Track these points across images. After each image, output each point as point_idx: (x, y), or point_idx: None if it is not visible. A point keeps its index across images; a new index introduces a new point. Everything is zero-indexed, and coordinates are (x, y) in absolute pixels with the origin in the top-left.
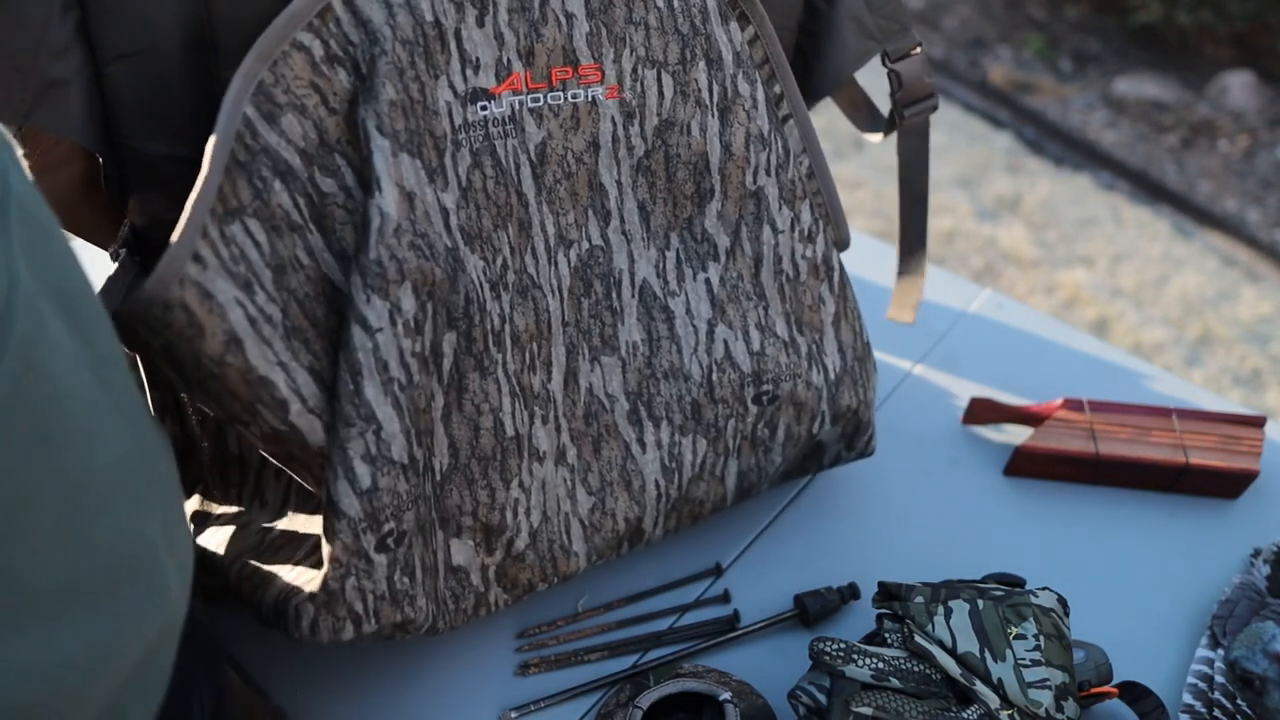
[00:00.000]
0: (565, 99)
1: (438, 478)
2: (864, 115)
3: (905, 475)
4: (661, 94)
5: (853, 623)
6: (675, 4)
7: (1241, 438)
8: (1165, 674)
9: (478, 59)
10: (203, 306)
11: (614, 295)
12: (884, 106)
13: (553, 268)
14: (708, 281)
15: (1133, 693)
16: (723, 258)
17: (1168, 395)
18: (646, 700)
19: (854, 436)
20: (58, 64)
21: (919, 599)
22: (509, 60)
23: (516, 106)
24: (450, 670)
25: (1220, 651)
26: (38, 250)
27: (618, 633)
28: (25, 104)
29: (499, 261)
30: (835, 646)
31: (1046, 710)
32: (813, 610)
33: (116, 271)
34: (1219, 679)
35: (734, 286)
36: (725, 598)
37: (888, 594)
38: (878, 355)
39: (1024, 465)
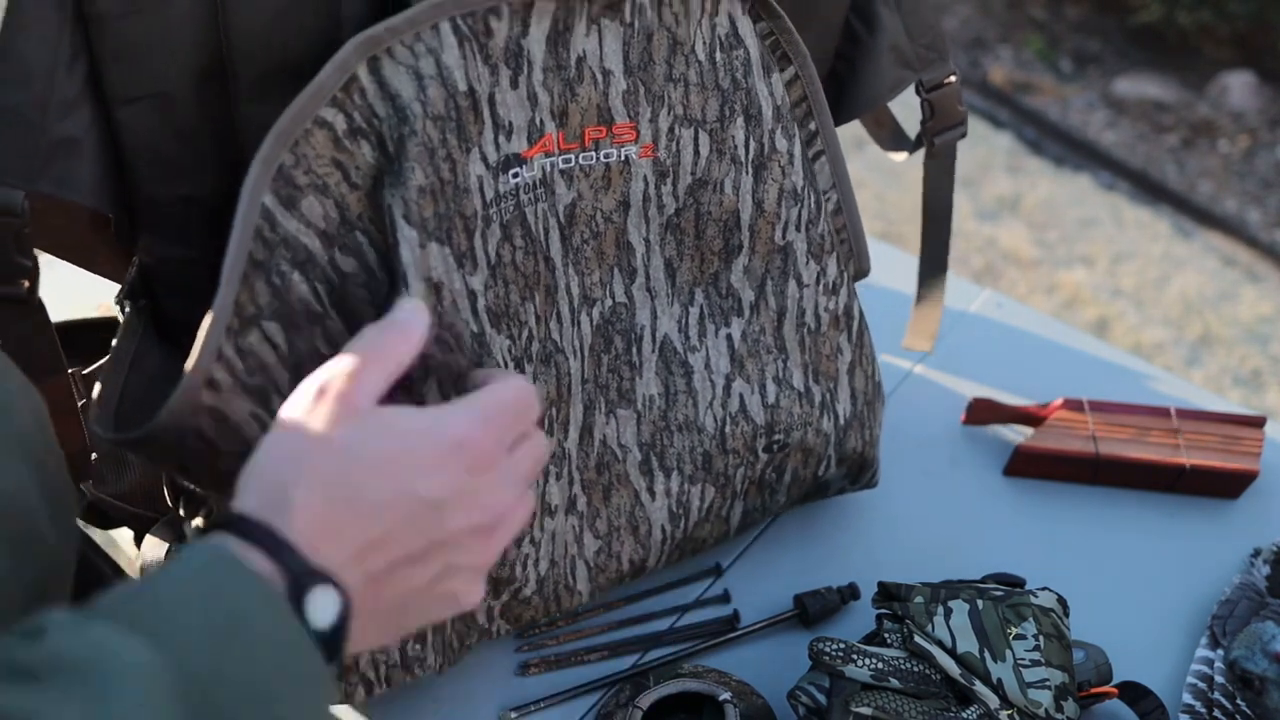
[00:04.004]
0: (598, 159)
1: None
2: (888, 134)
3: (905, 475)
4: (697, 152)
5: (853, 623)
6: (717, 58)
7: (1241, 438)
8: (1165, 674)
9: (510, 123)
10: (218, 429)
11: (634, 350)
12: (908, 124)
13: (575, 328)
14: (729, 337)
15: (1133, 693)
16: (746, 312)
17: (1168, 395)
18: (646, 700)
19: (859, 474)
20: (67, 121)
21: (919, 599)
22: (541, 121)
23: (548, 169)
24: (450, 670)
25: (1220, 651)
26: None
27: (618, 633)
28: (33, 167)
29: (524, 335)
30: (835, 646)
31: (1046, 710)
32: (813, 610)
33: (125, 330)
34: (1219, 679)
35: (755, 341)
36: (725, 598)
37: (888, 594)
38: (879, 355)
39: (1024, 465)
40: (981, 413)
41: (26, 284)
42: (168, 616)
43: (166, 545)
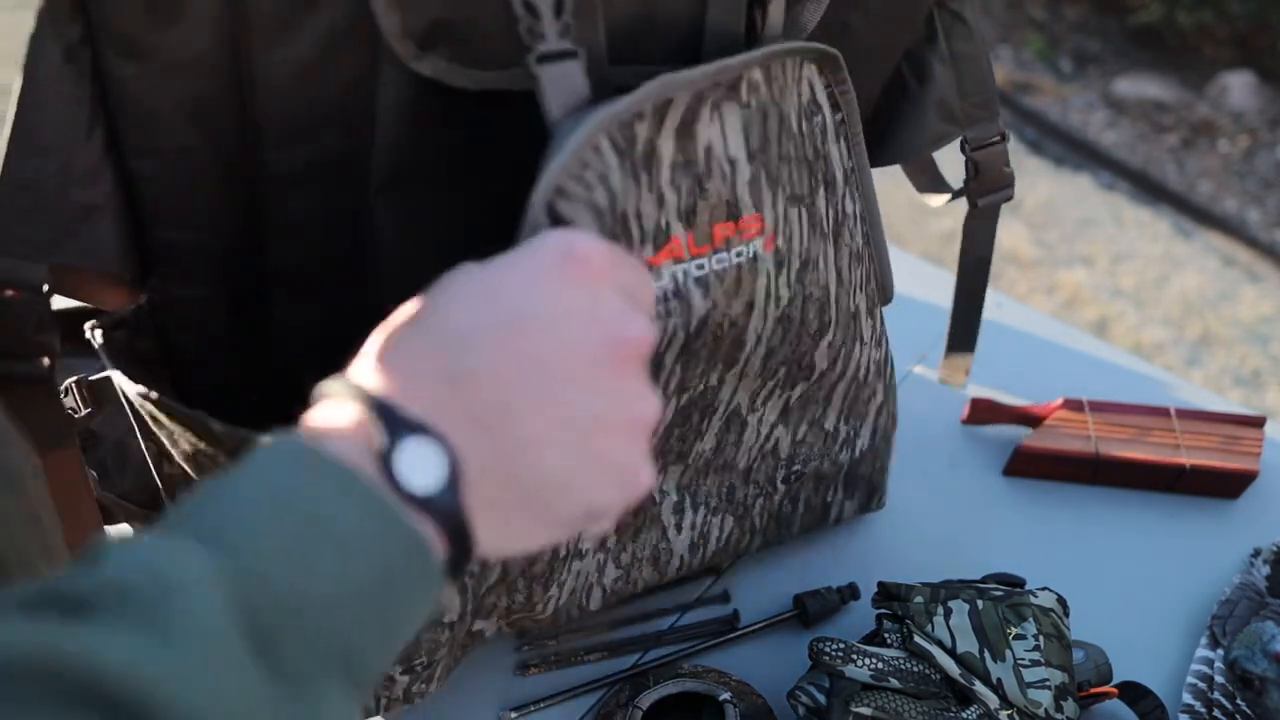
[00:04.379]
0: (730, 260)
1: (481, 590)
2: (925, 180)
3: (905, 475)
4: (801, 232)
5: (853, 623)
6: (804, 127)
7: (1241, 438)
8: (1165, 674)
9: (643, 230)
10: None
11: (705, 422)
12: (948, 170)
13: None
14: (788, 399)
15: (1133, 693)
16: (815, 377)
17: (1168, 395)
18: (646, 700)
19: (868, 500)
20: (88, 190)
21: (919, 599)
22: (667, 224)
23: (681, 278)
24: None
25: (1220, 651)
26: None
27: (618, 633)
28: (55, 239)
29: None
30: (835, 646)
31: (1046, 710)
32: (813, 610)
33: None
34: (1219, 679)
35: (806, 397)
36: (725, 597)
37: (888, 594)
38: None
39: (1024, 465)
40: (981, 413)
41: (47, 361)
42: (233, 521)
43: None
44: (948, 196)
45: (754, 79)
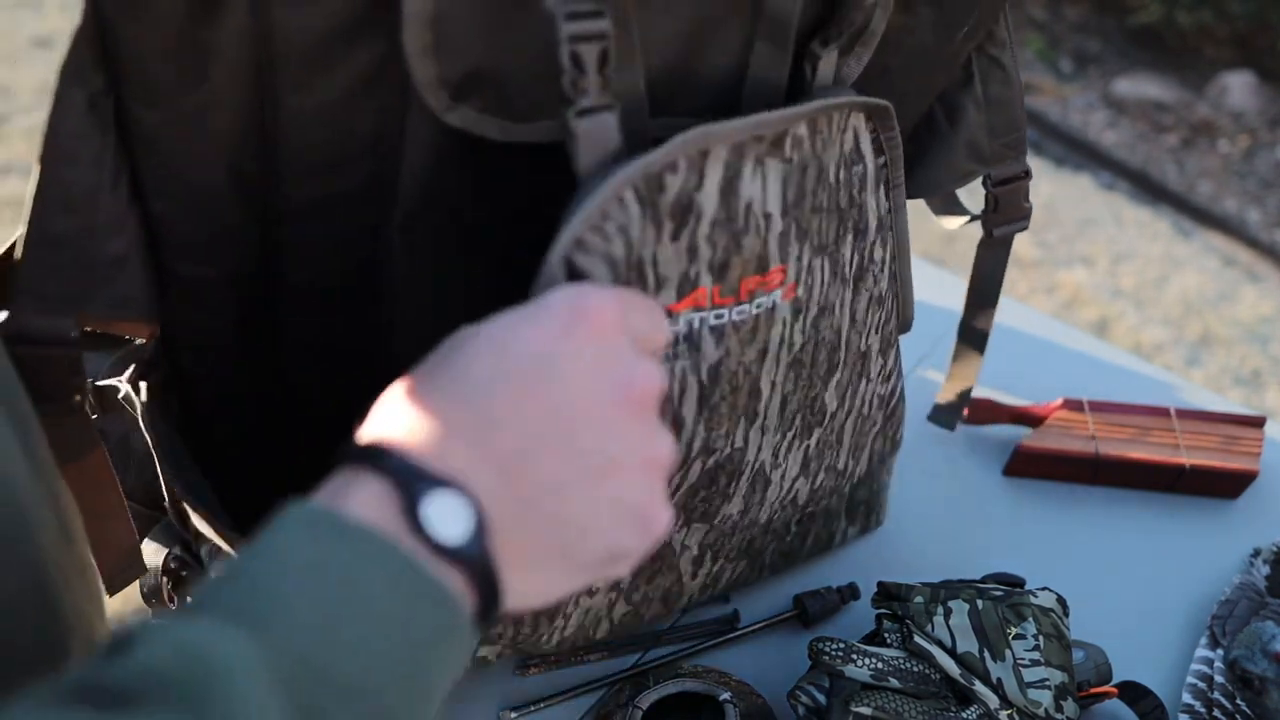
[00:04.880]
0: (750, 311)
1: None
2: (942, 203)
3: (905, 475)
4: (822, 281)
5: (853, 623)
6: (841, 176)
7: (1241, 438)
8: (1165, 674)
9: (662, 277)
10: None
11: (731, 485)
12: (964, 192)
13: (682, 473)
14: (807, 448)
15: (1132, 693)
16: (826, 421)
17: (1168, 395)
18: (646, 700)
19: (867, 521)
20: (115, 241)
21: (919, 599)
22: (696, 275)
23: (696, 325)
24: None
25: (1220, 651)
26: None
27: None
28: (86, 291)
29: None
30: (835, 646)
31: (1046, 710)
32: (813, 610)
33: (147, 407)
34: (1219, 679)
35: (825, 445)
36: (725, 597)
37: (887, 594)
38: None
39: (1024, 465)
40: (981, 413)
41: (79, 398)
42: (264, 596)
43: (166, 550)
44: (964, 220)
45: (799, 134)
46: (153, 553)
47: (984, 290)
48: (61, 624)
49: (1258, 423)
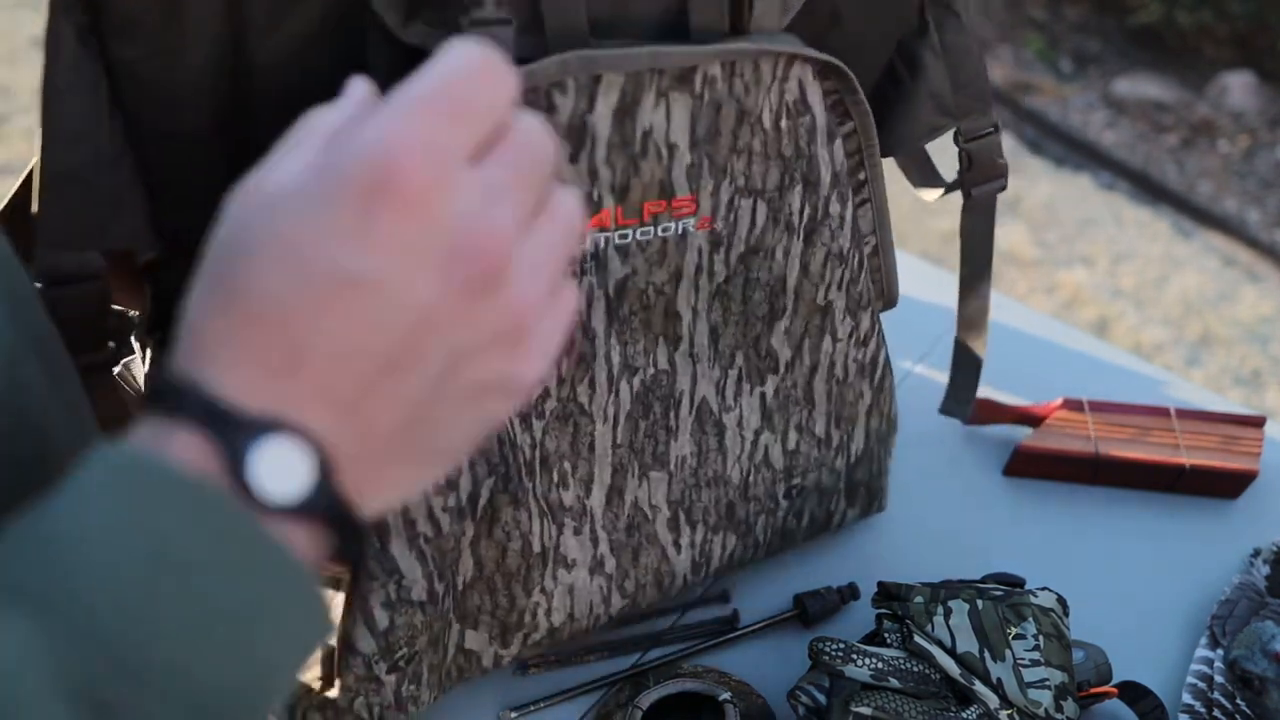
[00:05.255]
0: (655, 234)
1: (459, 589)
2: (920, 174)
3: (905, 475)
4: (754, 222)
5: (853, 623)
6: (783, 125)
7: (1241, 438)
8: (1165, 674)
9: None
10: None
11: (671, 415)
12: (943, 165)
13: (612, 394)
14: (763, 395)
15: (1132, 693)
16: (781, 369)
17: (1168, 395)
18: (646, 700)
19: (869, 505)
20: (118, 173)
21: (919, 599)
22: (599, 196)
23: (601, 244)
24: None
25: (1220, 651)
26: (11, 295)
27: (618, 633)
28: (100, 224)
29: (536, 393)
30: (835, 646)
31: (1046, 710)
32: (813, 610)
33: (149, 369)
34: (1219, 679)
35: (786, 396)
36: (725, 597)
37: (887, 594)
38: None
39: (1024, 465)
40: (981, 413)
41: (112, 344)
42: (56, 568)
43: None
44: (942, 190)
45: (711, 73)
46: None
47: (975, 258)
48: None
49: (1258, 423)
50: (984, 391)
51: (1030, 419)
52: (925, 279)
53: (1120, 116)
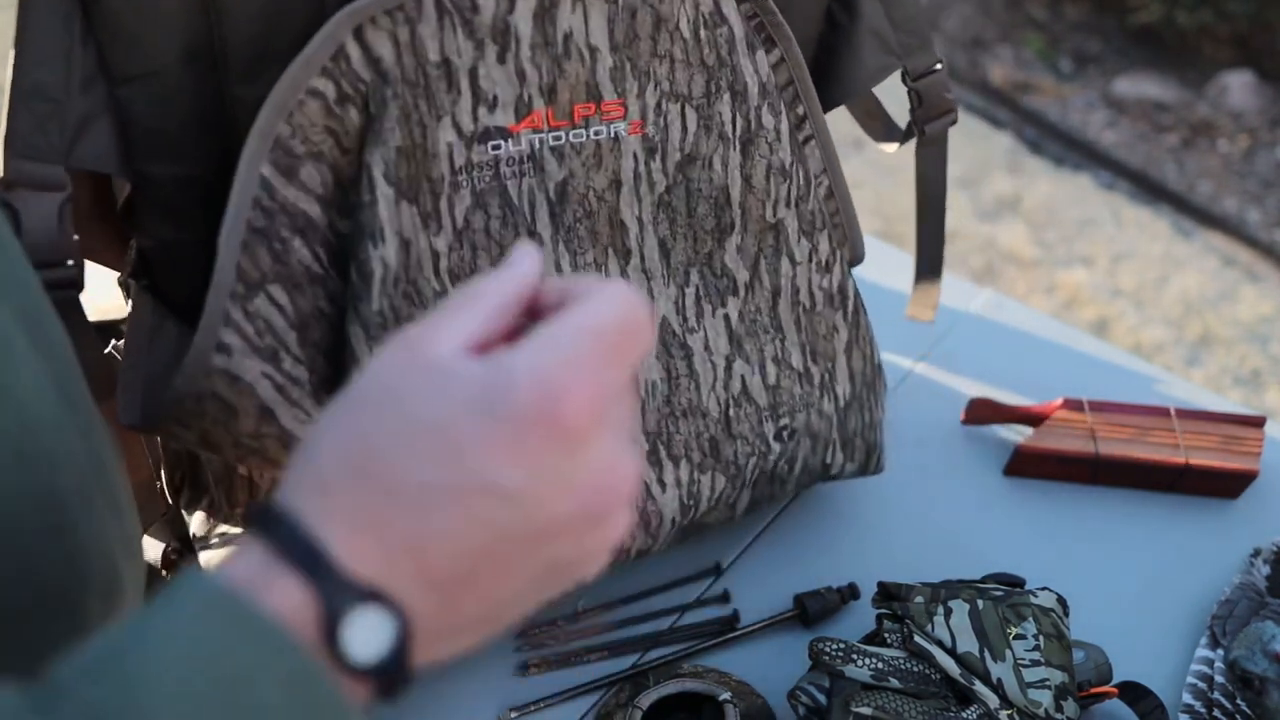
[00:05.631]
0: (588, 136)
1: None
2: (879, 127)
3: (905, 475)
4: (685, 129)
5: (853, 623)
6: (702, 34)
7: (1241, 438)
8: (1165, 674)
9: (495, 96)
10: (232, 389)
11: None
12: (899, 115)
13: None
14: (726, 317)
15: (1133, 693)
16: (741, 292)
17: (1168, 395)
18: (646, 700)
19: (865, 463)
20: (87, 97)
21: (919, 599)
22: (530, 97)
23: (537, 145)
24: (450, 670)
25: (1220, 651)
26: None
27: (618, 633)
28: (65, 142)
29: None
30: (835, 646)
31: (1046, 710)
32: (813, 610)
33: (136, 313)
34: (1219, 679)
35: (752, 321)
36: (725, 598)
37: (888, 594)
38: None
39: (1024, 465)
40: (981, 412)
41: (72, 263)
42: (141, 687)
43: (163, 545)
44: (901, 140)
45: None
46: (151, 546)
47: (930, 192)
48: (81, 556)
49: (1258, 423)
50: (984, 391)
51: (1030, 419)
52: None
53: (1120, 116)
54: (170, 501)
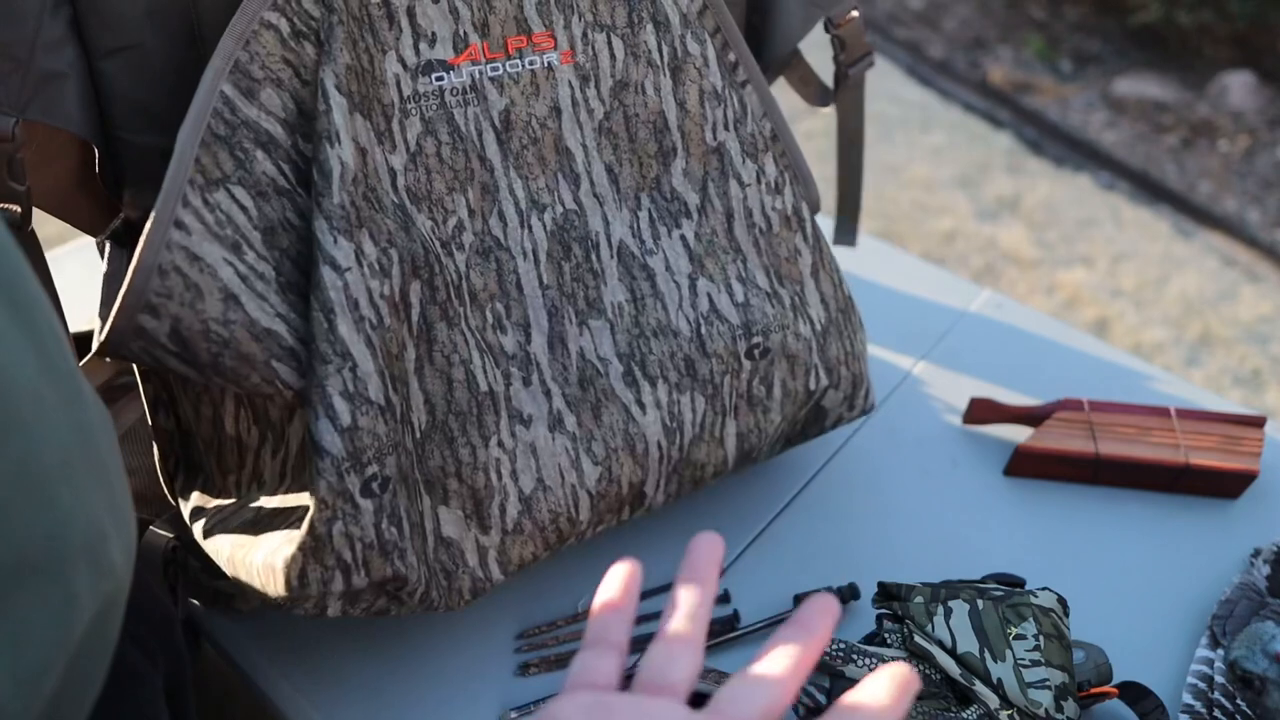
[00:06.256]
0: (523, 66)
1: (417, 435)
2: (814, 91)
3: (905, 475)
4: (613, 56)
5: (853, 623)
6: None
7: (1241, 438)
8: (1165, 674)
9: (434, 33)
10: (193, 267)
11: (594, 257)
12: (824, 73)
13: (525, 230)
14: (683, 238)
15: (1133, 693)
16: (694, 214)
17: (1168, 395)
18: None
19: (853, 395)
20: (53, 57)
21: (919, 599)
22: (465, 33)
23: (477, 76)
24: (450, 670)
25: (1220, 651)
26: None
27: None
28: (24, 96)
29: (451, 223)
30: (835, 646)
31: (1046, 710)
32: None
33: (109, 266)
34: (1219, 679)
35: (710, 241)
36: (725, 598)
37: (888, 594)
38: (878, 355)
39: (1024, 465)
40: (981, 413)
41: (19, 209)
42: None
43: (170, 537)
44: (832, 106)
45: None
46: (156, 536)
47: (851, 130)
48: (60, 524)
49: (1258, 423)
50: (984, 391)
51: (1030, 419)
52: (925, 279)
53: (1120, 116)
54: (168, 493)
